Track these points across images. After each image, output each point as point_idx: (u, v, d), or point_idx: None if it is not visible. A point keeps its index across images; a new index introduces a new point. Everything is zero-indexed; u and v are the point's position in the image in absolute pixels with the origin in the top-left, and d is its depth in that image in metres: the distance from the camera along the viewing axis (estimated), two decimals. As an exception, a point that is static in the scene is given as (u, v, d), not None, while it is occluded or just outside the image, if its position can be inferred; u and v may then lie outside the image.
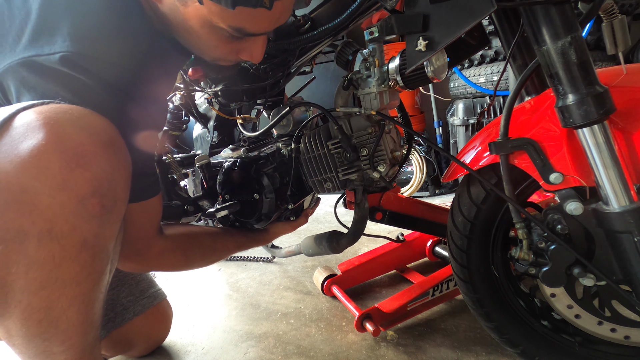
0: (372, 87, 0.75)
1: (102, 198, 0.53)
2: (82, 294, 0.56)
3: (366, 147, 0.79)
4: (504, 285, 0.73)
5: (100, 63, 0.60)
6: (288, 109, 0.88)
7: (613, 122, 0.55)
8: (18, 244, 0.50)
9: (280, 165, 0.90)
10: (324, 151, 0.82)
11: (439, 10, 0.54)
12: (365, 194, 0.86)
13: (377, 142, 0.76)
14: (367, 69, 0.76)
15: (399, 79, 0.72)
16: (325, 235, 0.93)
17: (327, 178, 0.85)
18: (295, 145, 0.88)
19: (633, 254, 0.55)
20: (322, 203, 2.25)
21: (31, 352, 0.57)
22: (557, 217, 0.61)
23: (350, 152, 0.79)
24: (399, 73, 0.71)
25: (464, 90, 2.07)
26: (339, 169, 0.82)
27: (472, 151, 0.70)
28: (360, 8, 0.73)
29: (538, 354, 0.72)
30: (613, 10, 0.57)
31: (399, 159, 0.82)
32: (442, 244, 1.29)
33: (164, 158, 0.91)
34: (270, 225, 0.95)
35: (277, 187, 0.88)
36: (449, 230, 0.75)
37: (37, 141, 0.49)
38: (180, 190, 0.96)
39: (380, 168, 0.78)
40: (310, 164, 0.85)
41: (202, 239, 0.87)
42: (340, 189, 0.85)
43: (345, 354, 0.90)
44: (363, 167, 0.80)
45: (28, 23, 0.59)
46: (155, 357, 0.98)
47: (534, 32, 0.54)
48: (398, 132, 0.86)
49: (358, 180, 0.83)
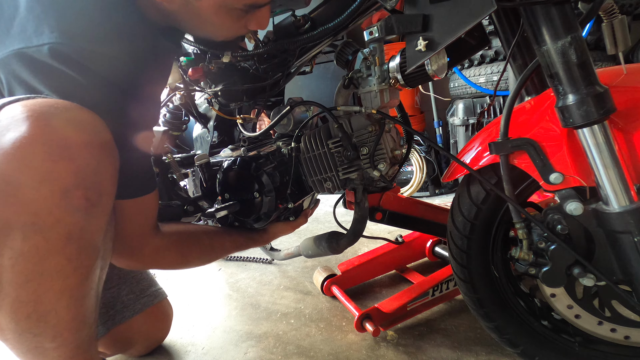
0: (373, 85, 0.75)
1: (86, 191, 0.53)
2: (70, 288, 0.55)
3: (366, 146, 0.79)
4: (504, 286, 0.73)
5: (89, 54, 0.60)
6: (288, 108, 0.88)
7: (613, 122, 0.55)
8: (4, 236, 0.50)
9: (280, 164, 0.90)
10: (324, 150, 0.82)
11: (439, 10, 0.54)
12: (366, 193, 0.86)
13: (377, 141, 0.76)
14: (367, 67, 0.76)
15: (399, 77, 0.72)
16: (324, 236, 0.93)
17: (327, 177, 0.85)
18: (295, 144, 0.88)
19: (633, 254, 0.55)
20: (322, 203, 2.25)
21: (24, 348, 0.57)
22: (557, 217, 0.61)
23: (350, 151, 0.79)
24: (399, 71, 0.72)
25: (464, 90, 2.07)
26: (339, 168, 0.82)
27: (472, 151, 0.70)
28: (360, 8, 0.73)
29: (538, 354, 0.72)
30: (613, 10, 0.57)
31: (399, 158, 0.82)
32: (442, 244, 1.28)
33: (164, 158, 0.91)
34: (269, 225, 0.94)
35: (277, 186, 0.88)
36: (449, 230, 0.75)
37: (20, 133, 0.49)
38: (180, 190, 0.96)
39: (380, 167, 0.78)
40: (310, 163, 0.85)
41: (199, 237, 0.86)
42: (340, 188, 0.85)
43: (345, 354, 0.90)
44: (363, 166, 0.80)
45: (17, 16, 0.59)
46: (155, 356, 0.98)
47: (534, 32, 0.54)
48: (398, 132, 0.86)
49: (358, 180, 0.83)
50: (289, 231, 0.99)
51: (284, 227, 0.98)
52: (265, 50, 0.83)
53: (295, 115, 0.92)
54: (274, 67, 0.90)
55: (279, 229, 0.97)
